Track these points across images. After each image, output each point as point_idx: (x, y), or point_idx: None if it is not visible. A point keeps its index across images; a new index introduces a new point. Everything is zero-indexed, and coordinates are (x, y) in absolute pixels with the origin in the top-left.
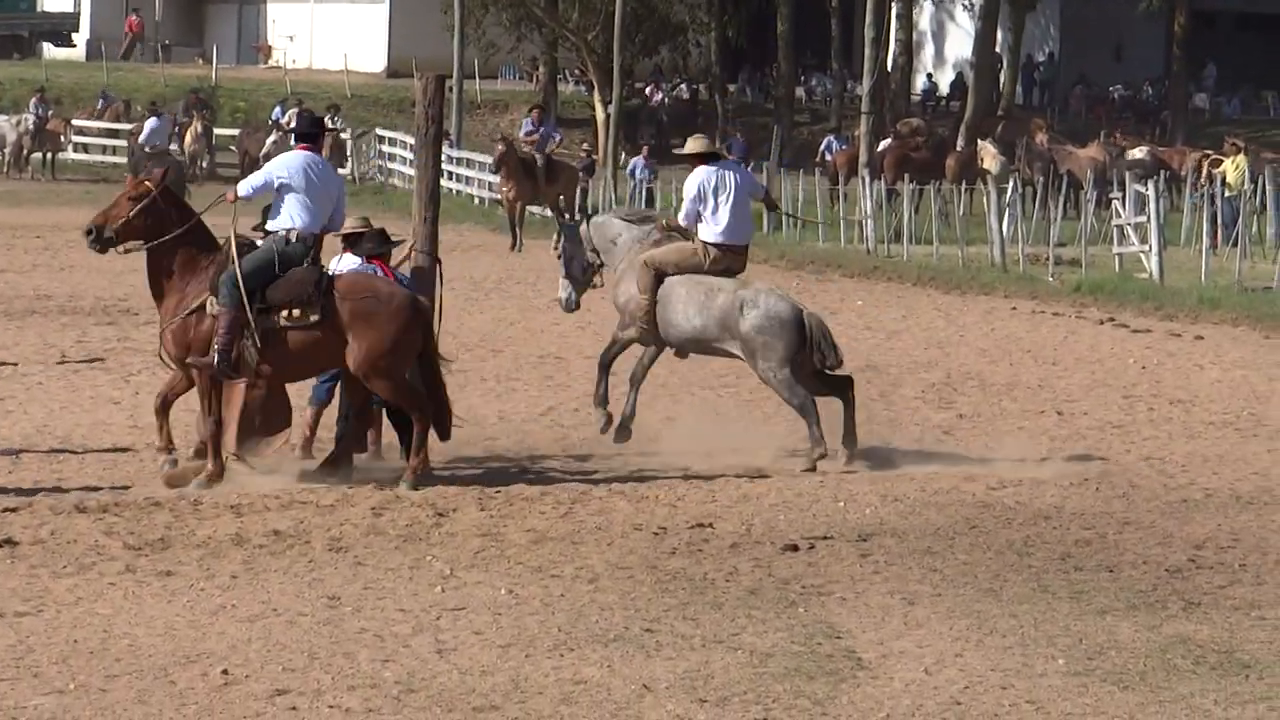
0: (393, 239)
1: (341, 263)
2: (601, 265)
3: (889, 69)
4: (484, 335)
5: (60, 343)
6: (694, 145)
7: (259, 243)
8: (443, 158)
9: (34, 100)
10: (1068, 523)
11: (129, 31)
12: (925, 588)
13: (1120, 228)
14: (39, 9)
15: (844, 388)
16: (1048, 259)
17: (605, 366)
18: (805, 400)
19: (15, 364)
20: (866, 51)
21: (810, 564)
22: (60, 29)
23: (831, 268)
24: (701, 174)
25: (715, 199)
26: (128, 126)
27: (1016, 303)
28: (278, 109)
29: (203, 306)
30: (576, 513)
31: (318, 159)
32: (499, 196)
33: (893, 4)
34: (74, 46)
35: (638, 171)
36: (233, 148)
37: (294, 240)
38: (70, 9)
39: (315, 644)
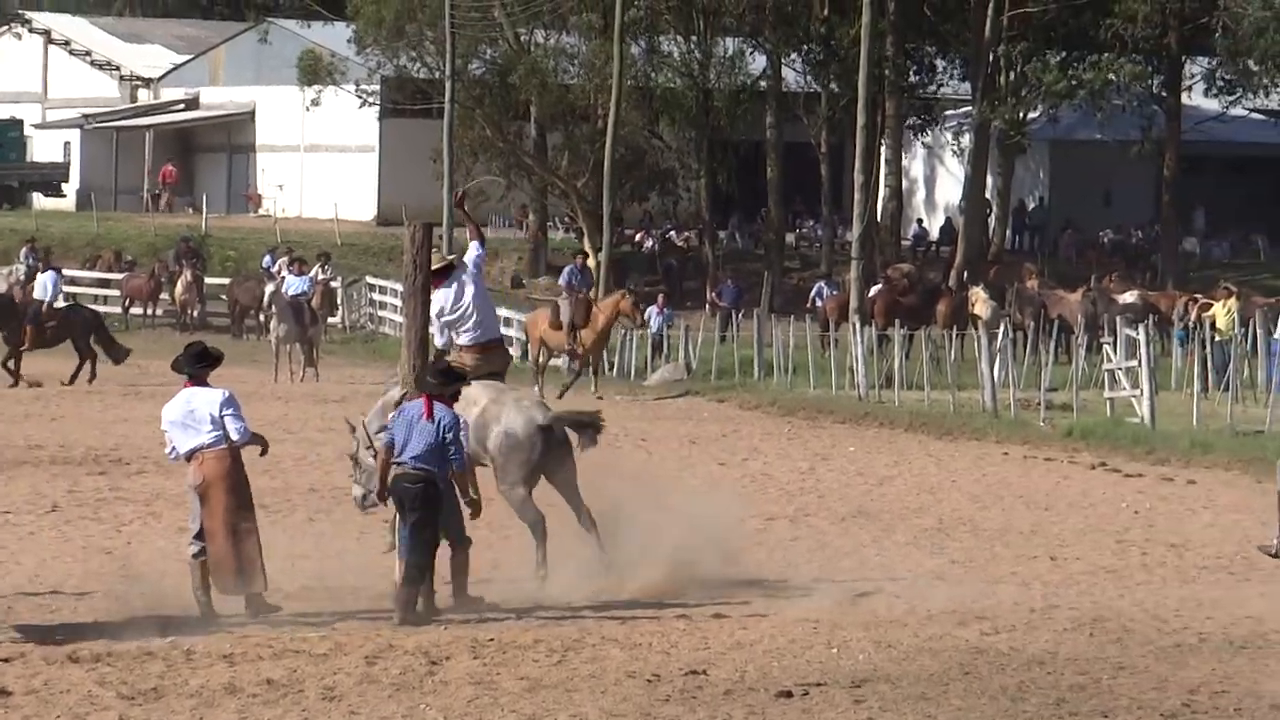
0: (213, 353)
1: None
2: None
3: (879, 215)
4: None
5: (51, 493)
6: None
7: None
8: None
9: (24, 250)
10: (1062, 668)
11: (163, 180)
12: None
13: (1111, 372)
14: (29, 159)
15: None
16: (1039, 404)
17: None
18: (536, 521)
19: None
20: (856, 197)
21: (804, 710)
22: (50, 179)
23: (823, 414)
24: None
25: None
26: (118, 276)
27: (1008, 448)
28: (268, 257)
29: None
30: (570, 660)
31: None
32: (559, 347)
33: (882, 150)
34: (64, 196)
35: (653, 319)
36: (223, 296)
37: None
38: (60, 159)
39: None
